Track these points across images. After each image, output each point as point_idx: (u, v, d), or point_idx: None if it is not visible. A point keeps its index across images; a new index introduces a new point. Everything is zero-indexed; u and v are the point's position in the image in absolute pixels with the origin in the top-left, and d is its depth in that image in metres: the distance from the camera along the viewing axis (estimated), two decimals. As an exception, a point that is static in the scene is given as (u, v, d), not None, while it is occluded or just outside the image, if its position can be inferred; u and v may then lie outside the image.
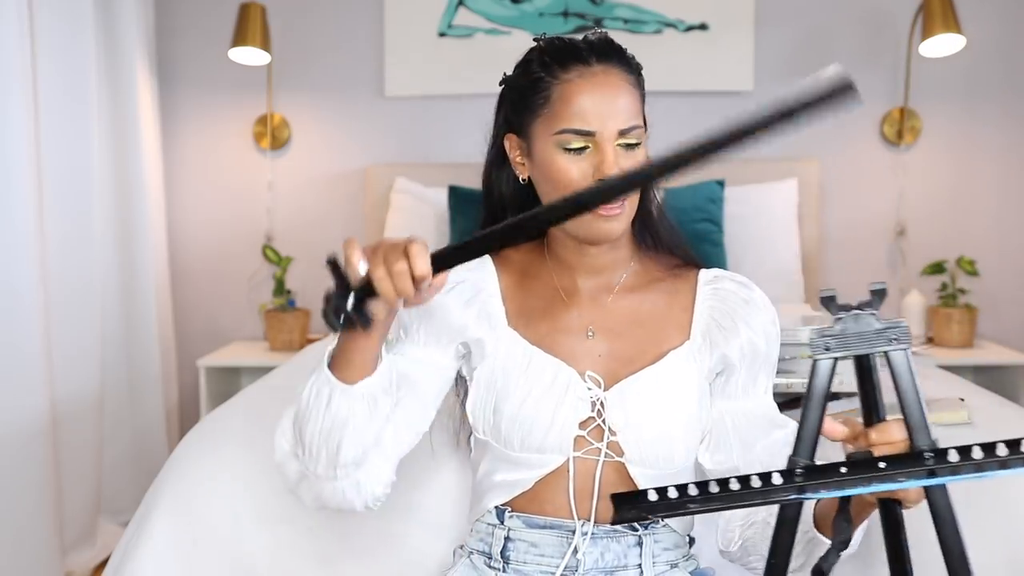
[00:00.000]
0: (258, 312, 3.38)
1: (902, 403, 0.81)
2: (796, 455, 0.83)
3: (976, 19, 3.12)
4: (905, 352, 0.82)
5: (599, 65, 1.09)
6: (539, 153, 1.11)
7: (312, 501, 1.11)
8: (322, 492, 1.09)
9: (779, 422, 1.16)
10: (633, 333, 1.15)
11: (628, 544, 1.12)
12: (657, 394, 1.11)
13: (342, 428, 1.03)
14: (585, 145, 1.08)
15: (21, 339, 2.24)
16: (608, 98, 1.07)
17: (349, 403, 1.03)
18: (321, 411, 1.03)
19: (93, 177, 2.66)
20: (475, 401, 1.15)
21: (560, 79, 1.09)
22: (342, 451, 1.04)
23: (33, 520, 2.24)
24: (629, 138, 1.08)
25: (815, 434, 0.84)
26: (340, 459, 1.05)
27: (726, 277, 1.19)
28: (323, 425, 1.03)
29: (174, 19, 3.34)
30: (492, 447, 1.14)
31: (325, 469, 1.06)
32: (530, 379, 1.11)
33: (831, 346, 0.83)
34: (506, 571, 1.13)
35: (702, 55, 3.19)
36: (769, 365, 1.17)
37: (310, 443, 1.05)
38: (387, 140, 3.36)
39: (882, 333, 0.83)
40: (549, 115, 1.09)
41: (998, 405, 1.65)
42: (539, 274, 1.20)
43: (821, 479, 0.79)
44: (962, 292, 3.09)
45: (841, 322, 0.84)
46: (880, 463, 0.78)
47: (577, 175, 1.08)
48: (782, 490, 0.79)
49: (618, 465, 1.11)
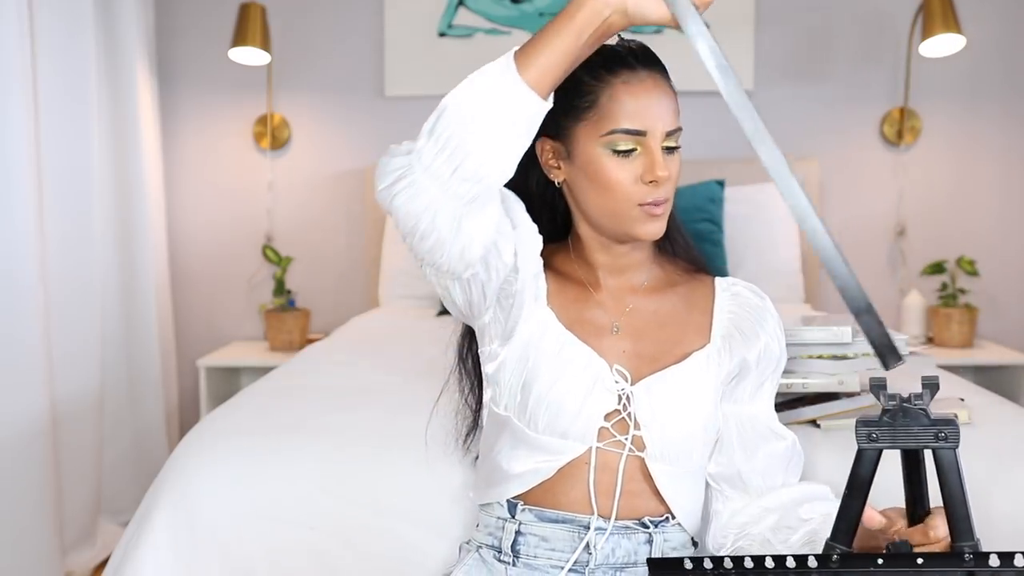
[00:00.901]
0: (258, 312, 3.38)
1: (947, 501, 0.80)
2: (834, 540, 0.83)
3: (976, 19, 3.12)
4: (954, 451, 0.81)
5: (644, 70, 1.11)
6: (583, 156, 1.12)
7: (405, 201, 0.99)
8: (420, 194, 0.98)
9: (780, 433, 1.19)
10: (656, 333, 1.17)
11: (639, 541, 1.13)
12: (681, 393, 1.13)
13: (490, 135, 0.96)
14: (633, 147, 1.09)
15: (21, 339, 2.24)
16: (656, 100, 1.10)
17: (518, 113, 0.96)
18: (486, 105, 0.96)
19: (93, 177, 2.66)
20: (503, 373, 1.15)
21: (608, 82, 1.10)
22: (474, 159, 0.96)
23: (33, 520, 2.24)
24: (672, 140, 1.11)
25: (855, 522, 0.84)
26: (467, 167, 0.96)
27: (741, 284, 1.22)
28: (477, 121, 0.96)
29: (174, 19, 3.34)
30: (512, 426, 1.14)
31: (444, 166, 0.96)
32: (562, 363, 1.12)
33: (877, 437, 0.82)
34: (516, 565, 1.14)
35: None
36: (778, 373, 1.21)
37: (448, 133, 0.96)
38: (387, 140, 3.30)
39: (930, 428, 0.81)
40: (596, 118, 1.10)
41: (998, 405, 1.65)
42: (564, 269, 1.21)
43: (857, 568, 0.78)
44: (962, 292, 3.09)
45: (890, 413, 0.82)
46: (918, 559, 0.78)
47: (626, 178, 1.09)
48: (816, 574, 0.78)
49: (638, 460, 1.12)
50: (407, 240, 1.03)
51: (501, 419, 1.16)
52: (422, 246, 1.02)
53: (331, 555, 1.35)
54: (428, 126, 0.98)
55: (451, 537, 1.34)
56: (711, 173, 2.97)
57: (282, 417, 1.58)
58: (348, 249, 3.38)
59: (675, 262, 1.24)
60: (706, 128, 2.86)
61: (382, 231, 3.18)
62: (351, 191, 3.36)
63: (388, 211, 1.02)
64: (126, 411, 2.92)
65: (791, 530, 1.11)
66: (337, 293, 3.39)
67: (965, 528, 0.80)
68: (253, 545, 1.35)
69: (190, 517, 1.36)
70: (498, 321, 1.15)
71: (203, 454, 1.43)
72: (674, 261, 1.24)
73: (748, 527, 1.14)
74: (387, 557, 1.35)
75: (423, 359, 1.90)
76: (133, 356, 2.96)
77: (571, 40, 0.95)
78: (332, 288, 3.39)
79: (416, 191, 0.98)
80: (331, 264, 3.39)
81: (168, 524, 1.36)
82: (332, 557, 1.35)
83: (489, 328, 1.17)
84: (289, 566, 1.35)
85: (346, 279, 3.39)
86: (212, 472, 1.40)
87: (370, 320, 2.77)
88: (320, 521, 1.36)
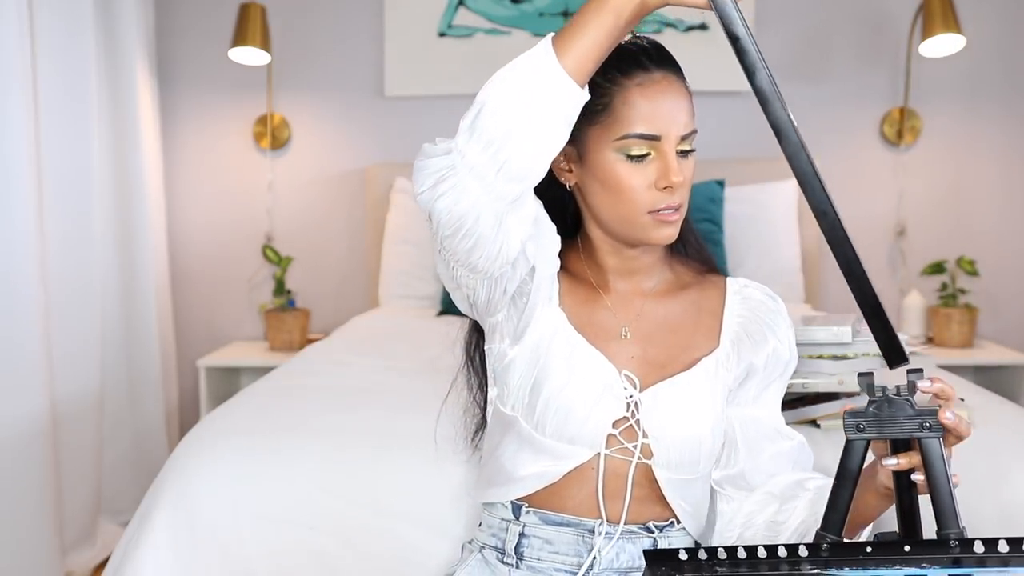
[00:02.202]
0: (258, 312, 3.38)
1: (932, 489, 0.84)
2: (824, 530, 0.85)
3: (976, 19, 3.12)
4: (939, 440, 0.85)
5: (659, 71, 1.08)
6: (595, 160, 1.10)
7: (450, 204, 0.97)
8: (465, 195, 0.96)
9: (786, 433, 1.18)
10: (665, 338, 1.16)
11: (643, 546, 1.12)
12: (688, 400, 1.12)
13: (533, 130, 0.94)
14: (647, 152, 1.07)
15: (21, 339, 2.23)
16: (672, 103, 1.08)
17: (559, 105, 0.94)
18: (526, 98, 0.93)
19: (93, 177, 2.66)
20: (511, 373, 1.14)
21: (622, 85, 1.07)
22: (518, 158, 0.94)
23: (33, 520, 2.24)
24: (687, 144, 1.09)
25: (845, 512, 0.87)
26: (513, 166, 0.94)
27: (753, 286, 1.21)
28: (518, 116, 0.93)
29: (174, 19, 3.34)
30: (519, 427, 1.13)
31: (488, 165, 0.94)
32: (572, 367, 1.11)
33: (864, 427, 0.86)
34: (519, 567, 1.13)
35: (702, 55, 3.19)
36: (785, 376, 1.20)
37: (490, 130, 0.93)
38: (387, 140, 3.35)
39: (915, 419, 0.85)
40: (610, 121, 1.08)
41: (998, 405, 1.65)
42: (575, 269, 1.20)
43: (846, 556, 0.80)
44: (962, 292, 3.09)
45: (876, 404, 0.86)
46: (905, 547, 0.79)
47: (639, 183, 1.08)
48: (807, 562, 0.80)
49: (644, 466, 1.12)
50: (447, 242, 1.00)
51: (507, 419, 1.15)
52: (463, 246, 1.00)
53: (331, 555, 1.35)
54: (467, 123, 0.95)
55: (452, 537, 1.34)
56: (711, 173, 2.97)
57: (282, 417, 1.58)
58: (348, 249, 3.38)
59: (687, 262, 1.23)
60: (706, 128, 2.85)
61: (382, 231, 3.18)
62: (351, 191, 3.36)
63: (429, 213, 0.99)
64: (126, 411, 2.92)
65: (795, 499, 1.10)
66: (337, 293, 3.39)
67: (951, 516, 0.82)
68: (253, 545, 1.35)
69: (190, 517, 1.36)
70: (510, 320, 1.14)
71: (203, 454, 1.43)
72: (685, 262, 1.23)
73: (754, 516, 1.13)
74: (387, 557, 1.35)
75: (423, 359, 1.90)
76: (133, 356, 2.96)
77: (610, 21, 0.92)
78: (332, 288, 3.39)
79: (460, 192, 0.96)
80: (331, 264, 3.39)
81: (168, 524, 1.36)
82: (332, 557, 1.35)
83: (501, 326, 1.15)
84: (289, 566, 1.35)
85: (346, 279, 3.39)
86: (212, 472, 1.40)
87: (370, 320, 2.77)
88: (320, 521, 1.36)
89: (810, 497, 1.10)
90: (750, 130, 3.26)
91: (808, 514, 1.07)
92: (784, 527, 1.09)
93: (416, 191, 0.99)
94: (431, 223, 1.00)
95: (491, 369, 1.19)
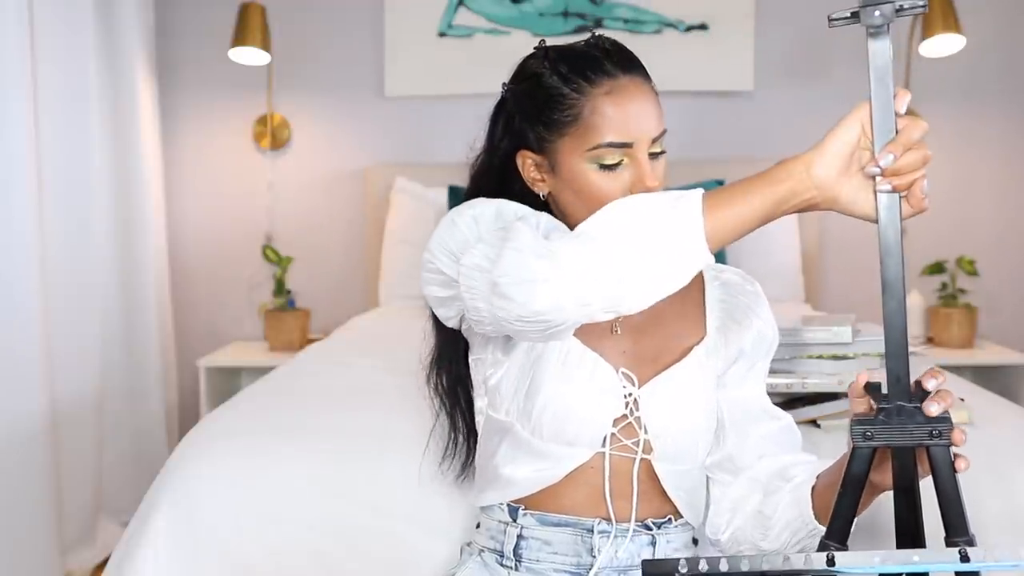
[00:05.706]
0: (258, 312, 3.38)
1: (940, 497, 0.81)
2: (828, 538, 0.84)
3: (976, 19, 3.12)
4: (947, 449, 0.82)
5: (625, 76, 1.07)
6: (568, 171, 1.09)
7: (539, 307, 0.92)
8: (557, 305, 0.91)
9: (774, 413, 1.17)
10: (654, 331, 1.15)
11: (642, 543, 1.12)
12: (685, 392, 1.12)
13: (650, 283, 0.90)
14: (620, 160, 1.07)
15: (21, 339, 2.24)
16: (640, 108, 1.06)
17: (685, 264, 0.90)
18: (654, 247, 0.88)
19: (93, 177, 2.66)
20: (505, 380, 1.13)
21: (589, 94, 1.06)
22: (624, 302, 0.91)
23: (33, 520, 2.24)
24: (658, 145, 1.08)
25: (850, 519, 0.84)
26: (612, 302, 0.91)
27: (728, 271, 1.21)
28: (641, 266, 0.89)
29: (174, 19, 3.34)
30: (515, 433, 1.12)
31: (590, 293, 0.90)
32: (568, 369, 1.10)
33: (872, 435, 0.83)
34: (519, 569, 1.13)
35: (702, 55, 3.19)
36: (770, 355, 1.19)
37: (606, 269, 0.89)
38: (387, 140, 3.35)
39: (924, 426, 0.82)
40: (580, 132, 1.06)
41: (998, 405, 1.65)
42: None
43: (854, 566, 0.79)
44: (962, 292, 3.09)
45: (885, 411, 0.83)
46: (914, 556, 0.77)
47: (614, 191, 1.07)
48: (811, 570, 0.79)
49: (644, 462, 1.12)
50: (517, 324, 0.94)
51: (502, 425, 1.14)
52: (535, 328, 0.95)
53: (331, 555, 1.35)
54: (581, 248, 0.91)
55: (451, 538, 1.34)
56: (711, 173, 2.96)
57: (282, 417, 1.58)
58: (348, 249, 3.38)
59: None
60: (706, 128, 2.86)
61: (382, 231, 3.18)
62: (351, 191, 3.36)
63: (505, 299, 0.93)
64: (126, 411, 2.92)
65: (777, 492, 1.09)
66: (337, 293, 3.39)
67: (960, 524, 0.80)
68: (253, 545, 1.35)
69: (190, 517, 1.36)
70: None
71: (203, 454, 1.43)
72: None
73: (740, 502, 1.13)
74: (387, 557, 1.35)
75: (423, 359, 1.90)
76: (133, 356, 2.96)
77: (769, 208, 0.90)
78: (332, 288, 3.39)
79: (553, 303, 0.91)
80: (331, 264, 3.39)
81: (168, 524, 1.36)
82: (332, 557, 1.35)
83: (492, 338, 1.13)
84: (289, 566, 1.35)
85: (346, 279, 3.39)
86: (212, 472, 1.40)
87: (370, 320, 2.77)
88: (320, 521, 1.36)
89: (791, 493, 1.08)
90: (750, 130, 3.26)
91: (794, 515, 1.06)
92: (771, 523, 1.08)
93: (500, 280, 0.93)
94: (497, 300, 0.94)
95: (478, 378, 1.18)
